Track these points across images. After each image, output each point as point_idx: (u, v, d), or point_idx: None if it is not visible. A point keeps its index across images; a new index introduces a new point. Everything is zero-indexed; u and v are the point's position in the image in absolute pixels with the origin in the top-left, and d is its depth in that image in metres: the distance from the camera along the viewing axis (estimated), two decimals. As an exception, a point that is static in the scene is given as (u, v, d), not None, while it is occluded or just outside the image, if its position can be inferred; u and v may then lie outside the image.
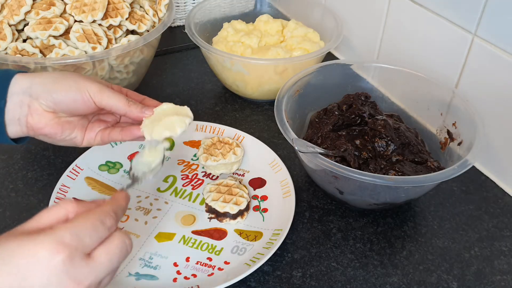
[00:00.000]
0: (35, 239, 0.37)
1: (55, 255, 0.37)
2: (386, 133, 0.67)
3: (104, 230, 0.41)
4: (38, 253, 0.37)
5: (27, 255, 0.37)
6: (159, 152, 0.57)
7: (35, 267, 0.37)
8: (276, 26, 0.95)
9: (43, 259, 0.37)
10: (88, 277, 0.39)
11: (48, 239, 0.37)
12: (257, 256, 0.59)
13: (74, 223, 0.39)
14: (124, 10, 0.81)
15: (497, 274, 0.60)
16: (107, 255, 0.40)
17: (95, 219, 0.40)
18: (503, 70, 0.67)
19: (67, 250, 0.37)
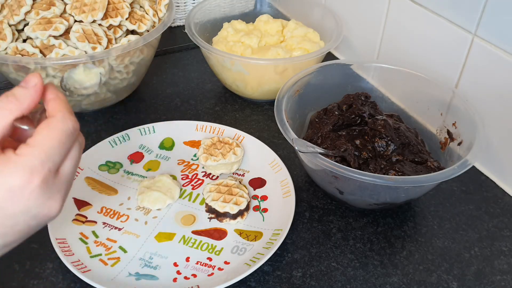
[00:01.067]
0: (3, 171, 0.37)
1: (29, 184, 0.37)
2: (386, 133, 0.67)
3: (70, 141, 0.40)
4: (12, 185, 0.37)
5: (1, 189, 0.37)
6: (95, 76, 0.55)
7: (11, 198, 0.37)
8: (276, 26, 0.95)
9: (18, 189, 0.37)
10: (61, 190, 0.40)
11: (19, 170, 0.37)
12: (257, 256, 0.59)
13: (41, 146, 0.38)
14: (124, 10, 0.81)
15: (497, 274, 0.60)
16: (71, 165, 0.41)
17: (60, 136, 0.39)
18: (503, 70, 0.67)
19: (39, 176, 0.37)
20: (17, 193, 0.37)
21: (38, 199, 0.38)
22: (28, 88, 0.39)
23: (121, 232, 0.63)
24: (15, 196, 0.37)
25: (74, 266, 0.56)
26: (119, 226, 0.64)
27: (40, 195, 0.38)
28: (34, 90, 0.39)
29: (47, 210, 0.39)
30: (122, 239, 0.62)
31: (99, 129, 0.82)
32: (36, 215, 0.39)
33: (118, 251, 0.61)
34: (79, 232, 0.62)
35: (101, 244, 0.61)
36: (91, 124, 0.83)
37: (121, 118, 0.84)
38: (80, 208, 0.66)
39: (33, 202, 0.38)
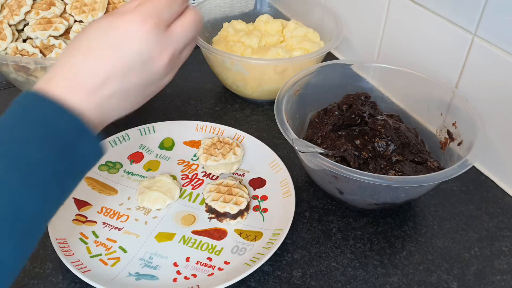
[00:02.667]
0: (123, 16, 0.43)
1: (143, 25, 0.43)
2: (386, 133, 0.67)
3: (177, 6, 0.46)
4: (128, 26, 0.43)
5: (119, 29, 0.43)
6: None
7: (127, 37, 0.43)
8: (276, 26, 0.95)
9: (133, 29, 0.43)
10: (171, 45, 0.45)
11: (134, 14, 0.43)
12: (257, 256, 0.59)
13: (152, 1, 0.44)
14: (124, 10, 0.81)
15: (497, 274, 0.60)
16: (183, 28, 0.46)
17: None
18: (503, 70, 0.67)
19: (151, 20, 0.43)
20: (132, 32, 0.43)
21: (149, 43, 0.43)
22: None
23: (121, 232, 0.63)
24: (131, 36, 0.43)
25: (74, 266, 0.56)
26: (119, 226, 0.64)
27: (151, 37, 0.43)
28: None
29: (157, 56, 0.44)
30: (122, 239, 0.62)
31: (99, 129, 0.81)
32: (147, 60, 0.44)
33: (118, 251, 0.61)
34: (79, 232, 0.62)
35: (101, 244, 0.61)
36: (91, 124, 0.82)
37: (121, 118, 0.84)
38: (80, 208, 0.66)
39: (145, 44, 0.43)
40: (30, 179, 0.38)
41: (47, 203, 0.40)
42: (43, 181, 0.39)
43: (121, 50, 0.43)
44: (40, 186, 0.39)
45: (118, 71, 0.43)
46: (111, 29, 0.43)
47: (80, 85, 0.42)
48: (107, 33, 0.43)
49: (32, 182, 0.38)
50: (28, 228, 0.38)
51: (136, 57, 0.43)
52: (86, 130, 0.42)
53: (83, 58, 0.43)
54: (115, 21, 0.44)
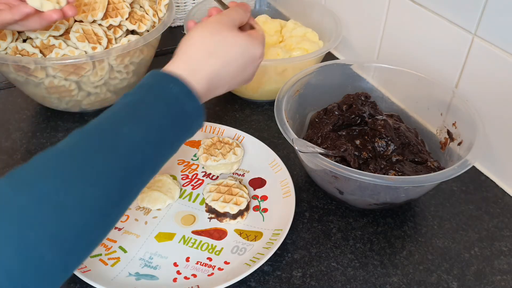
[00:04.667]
0: (256, 40, 0.56)
1: (262, 56, 0.57)
2: (386, 133, 0.67)
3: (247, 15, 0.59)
4: (256, 52, 0.56)
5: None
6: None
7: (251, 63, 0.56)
8: (274, 26, 0.95)
9: (258, 58, 0.56)
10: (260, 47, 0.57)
11: (262, 45, 0.57)
12: (257, 256, 0.59)
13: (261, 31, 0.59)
14: (124, 10, 0.81)
15: (497, 274, 0.60)
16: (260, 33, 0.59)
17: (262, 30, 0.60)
18: (503, 70, 0.67)
19: (263, 47, 0.57)
20: (255, 61, 0.56)
21: (256, 70, 0.59)
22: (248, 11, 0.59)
23: (121, 232, 0.63)
24: (253, 63, 0.56)
25: (74, 266, 0.56)
26: (119, 226, 0.64)
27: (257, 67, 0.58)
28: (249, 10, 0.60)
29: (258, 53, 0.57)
30: (122, 239, 0.62)
31: (99, 129, 0.81)
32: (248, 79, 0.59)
33: (118, 251, 0.61)
34: (79, 232, 0.62)
35: (101, 244, 0.61)
36: (91, 124, 0.82)
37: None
38: (80, 208, 0.66)
39: (254, 70, 0.58)
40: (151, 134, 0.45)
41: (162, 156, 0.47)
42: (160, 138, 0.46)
43: (244, 71, 0.56)
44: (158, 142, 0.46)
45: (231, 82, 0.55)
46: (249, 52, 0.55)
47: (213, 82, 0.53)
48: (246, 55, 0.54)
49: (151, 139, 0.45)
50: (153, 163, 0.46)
51: (243, 78, 0.57)
52: (194, 96, 0.50)
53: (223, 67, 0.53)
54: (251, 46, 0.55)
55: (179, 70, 0.51)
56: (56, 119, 0.83)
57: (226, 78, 0.54)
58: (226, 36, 0.53)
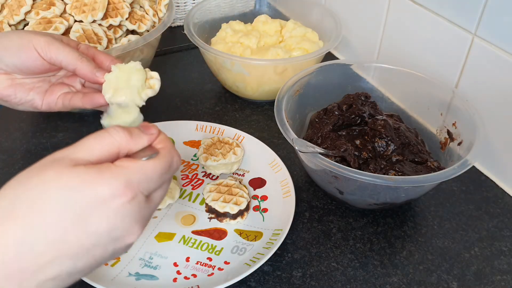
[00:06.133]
0: (101, 177, 0.34)
1: (121, 197, 0.35)
2: (386, 133, 0.67)
3: (169, 175, 0.40)
4: (103, 194, 0.34)
5: (90, 196, 0.34)
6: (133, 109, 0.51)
7: (98, 209, 0.34)
8: (274, 26, 0.95)
9: (108, 200, 0.34)
10: (146, 216, 0.38)
11: (114, 178, 0.35)
12: (257, 256, 0.59)
13: (145, 167, 0.37)
14: (124, 10, 0.81)
15: (497, 274, 0.60)
16: (161, 195, 0.40)
17: (164, 168, 0.38)
18: (503, 70, 0.67)
19: (133, 192, 0.35)
20: (106, 205, 0.34)
21: (125, 219, 0.35)
22: (145, 133, 0.40)
23: (121, 232, 0.63)
24: (103, 208, 0.34)
25: (74, 266, 0.56)
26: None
27: (128, 214, 0.35)
28: (148, 138, 0.40)
29: (128, 235, 0.36)
30: (122, 239, 0.62)
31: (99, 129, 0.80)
32: (118, 238, 0.35)
33: (118, 251, 0.61)
34: (79, 232, 0.62)
35: (101, 244, 0.61)
36: (91, 124, 0.83)
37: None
38: (80, 208, 0.66)
39: (120, 220, 0.35)
40: None
41: None
42: None
43: (87, 225, 0.34)
44: None
45: (73, 250, 0.34)
46: (78, 194, 0.34)
47: (16, 267, 0.32)
48: (72, 200, 0.33)
49: None
50: None
51: (105, 236, 0.35)
52: None
53: (29, 226, 0.33)
54: (84, 184, 0.34)
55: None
56: (56, 119, 0.83)
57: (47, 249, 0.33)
58: (37, 179, 0.34)
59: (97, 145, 0.37)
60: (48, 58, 0.52)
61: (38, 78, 0.56)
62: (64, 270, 0.34)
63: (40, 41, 0.52)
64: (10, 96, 0.55)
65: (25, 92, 0.55)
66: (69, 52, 0.52)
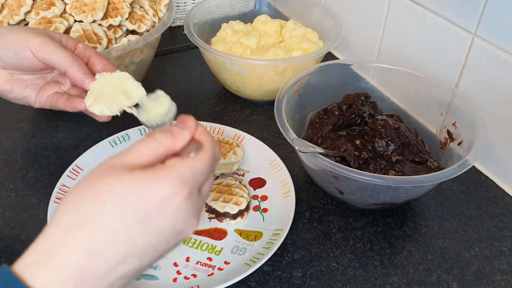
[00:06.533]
0: (158, 177, 0.36)
1: (179, 193, 0.37)
2: (386, 133, 0.67)
3: (214, 166, 0.42)
4: (162, 194, 0.36)
5: (150, 198, 0.36)
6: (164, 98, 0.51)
7: (160, 209, 0.36)
8: (274, 26, 0.95)
9: (168, 199, 0.36)
10: (200, 208, 0.40)
11: (170, 179, 0.36)
12: (257, 256, 0.59)
13: (194, 163, 0.39)
14: (124, 10, 0.81)
15: (497, 274, 0.60)
16: (209, 186, 0.42)
17: (211, 160, 0.40)
18: (503, 70, 0.67)
19: (188, 187, 0.37)
20: (167, 203, 0.36)
21: (184, 212, 0.37)
22: (185, 128, 0.42)
23: (121, 232, 0.63)
24: (164, 207, 0.36)
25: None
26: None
27: (186, 208, 0.37)
28: (189, 132, 0.41)
29: (188, 227, 0.38)
30: (122, 239, 0.62)
31: (99, 129, 0.82)
32: (180, 231, 0.38)
33: (118, 251, 0.61)
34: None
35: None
36: (91, 124, 0.83)
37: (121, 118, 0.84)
38: (80, 208, 0.66)
39: (180, 215, 0.37)
40: None
41: None
42: None
43: (151, 224, 0.36)
44: None
45: (141, 249, 0.36)
46: (141, 197, 0.36)
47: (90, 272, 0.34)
48: (136, 203, 0.35)
49: None
50: None
51: (168, 231, 0.37)
52: None
53: (98, 233, 0.35)
54: (145, 187, 0.36)
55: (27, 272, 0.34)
56: (56, 119, 0.83)
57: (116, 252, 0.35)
58: (99, 186, 0.36)
59: (146, 149, 0.39)
60: (42, 59, 0.54)
61: (36, 75, 0.58)
62: (131, 269, 0.36)
63: (36, 42, 0.53)
64: (7, 91, 0.56)
65: (21, 88, 0.57)
66: (63, 55, 0.53)
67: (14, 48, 0.53)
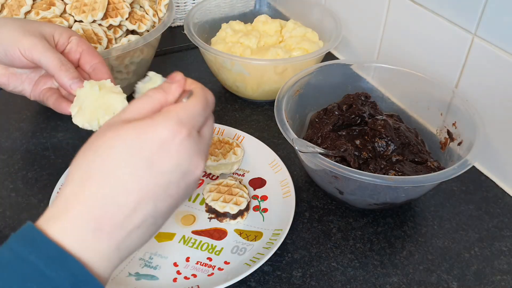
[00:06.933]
0: (153, 121, 0.38)
1: (179, 134, 0.38)
2: (386, 133, 0.67)
3: (209, 109, 0.43)
4: (162, 136, 0.37)
5: (152, 141, 0.37)
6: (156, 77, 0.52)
7: (163, 151, 0.37)
8: (274, 26, 0.95)
9: (169, 140, 0.38)
10: (204, 150, 0.41)
11: (167, 121, 0.38)
12: (257, 256, 0.59)
13: (188, 105, 0.40)
14: (124, 10, 0.81)
15: (497, 274, 0.60)
16: (209, 131, 0.43)
17: (203, 102, 0.42)
18: (503, 70, 0.67)
19: (187, 128, 0.39)
20: (168, 145, 0.37)
21: (187, 152, 0.39)
22: (174, 82, 0.43)
23: (121, 232, 0.63)
24: (167, 148, 0.37)
25: (74, 266, 0.56)
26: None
27: (188, 147, 0.39)
28: (179, 85, 0.43)
29: (194, 167, 0.39)
30: (122, 239, 0.62)
31: (99, 129, 0.82)
32: (186, 172, 0.39)
33: (118, 251, 0.61)
34: (79, 232, 0.62)
35: (101, 244, 0.61)
36: (91, 124, 0.82)
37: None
38: (80, 208, 0.66)
39: (183, 155, 0.38)
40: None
41: None
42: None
43: (157, 166, 0.37)
44: None
45: (152, 192, 0.37)
46: (141, 142, 0.37)
47: (105, 220, 0.36)
48: (137, 148, 0.37)
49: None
50: None
51: (175, 172, 0.38)
52: None
53: (108, 183, 0.36)
54: (143, 132, 0.37)
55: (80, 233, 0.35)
56: (56, 119, 0.83)
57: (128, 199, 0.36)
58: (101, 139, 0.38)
59: (141, 105, 0.40)
60: (30, 60, 0.54)
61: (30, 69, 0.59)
62: (147, 215, 0.37)
63: (24, 44, 0.54)
64: (4, 84, 0.59)
65: (17, 81, 0.58)
66: (51, 58, 0.54)
67: (5, 47, 0.54)
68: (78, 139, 0.80)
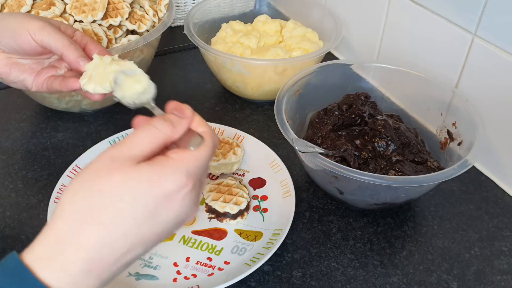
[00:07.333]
0: (163, 171, 0.38)
1: (184, 188, 0.38)
2: (386, 133, 0.67)
3: (212, 156, 0.43)
4: (168, 189, 0.37)
5: (159, 192, 0.37)
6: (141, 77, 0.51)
7: (166, 203, 0.37)
8: (274, 26, 0.95)
9: (174, 193, 0.38)
10: (200, 197, 0.41)
11: (177, 174, 0.38)
12: (257, 256, 0.59)
13: (198, 157, 0.40)
14: (124, 10, 0.81)
15: (497, 274, 0.60)
16: (206, 175, 0.45)
17: (211, 153, 0.41)
18: (503, 70, 0.67)
19: (192, 181, 0.39)
20: (173, 197, 0.38)
21: (188, 204, 0.39)
22: (184, 118, 0.42)
23: (121, 232, 0.63)
24: (171, 200, 0.38)
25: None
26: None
27: (190, 200, 0.39)
28: (187, 122, 0.42)
29: (189, 217, 0.40)
30: (122, 239, 0.62)
31: (99, 129, 0.82)
32: (182, 220, 0.40)
33: (118, 251, 0.61)
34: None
35: (101, 244, 0.61)
36: (91, 124, 0.83)
37: (121, 118, 0.84)
38: (80, 208, 0.66)
39: (184, 207, 0.39)
40: None
41: None
42: None
43: (158, 217, 0.38)
44: None
45: (147, 237, 0.38)
46: (149, 196, 0.37)
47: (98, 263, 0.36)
48: (144, 200, 0.37)
49: None
50: None
51: (172, 222, 0.39)
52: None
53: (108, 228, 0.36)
54: (152, 186, 0.37)
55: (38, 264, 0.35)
56: (56, 119, 0.83)
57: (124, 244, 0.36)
58: (107, 182, 0.37)
59: (147, 139, 0.39)
60: (40, 42, 0.55)
61: (33, 60, 0.59)
62: (137, 256, 0.38)
63: (34, 26, 0.54)
64: (6, 73, 0.58)
65: (19, 71, 0.58)
66: (59, 38, 0.55)
67: (13, 31, 0.55)
68: (78, 139, 0.80)
